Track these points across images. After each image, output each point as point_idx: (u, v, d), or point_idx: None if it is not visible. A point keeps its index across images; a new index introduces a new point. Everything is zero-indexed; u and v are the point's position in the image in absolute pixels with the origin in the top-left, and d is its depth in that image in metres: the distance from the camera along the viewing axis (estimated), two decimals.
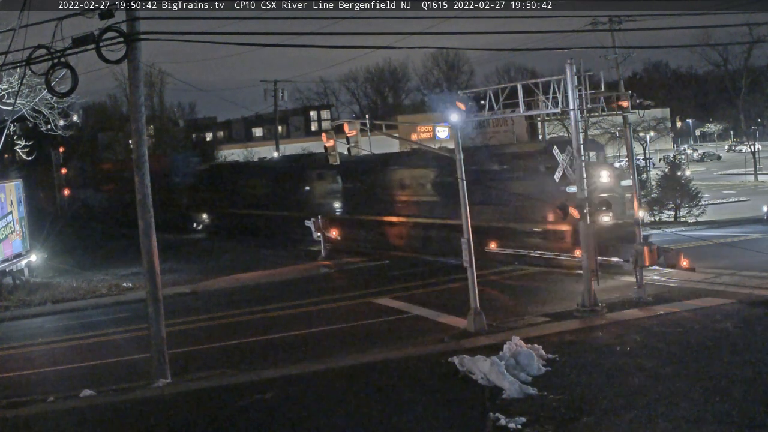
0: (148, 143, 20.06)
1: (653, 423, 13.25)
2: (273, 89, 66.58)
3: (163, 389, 17.58)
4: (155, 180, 18.98)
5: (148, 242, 18.45)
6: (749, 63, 76.95)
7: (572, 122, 22.55)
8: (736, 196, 62.16)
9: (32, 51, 17.03)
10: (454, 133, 21.85)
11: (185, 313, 27.07)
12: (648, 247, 23.13)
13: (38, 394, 17.98)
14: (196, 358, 20.87)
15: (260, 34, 23.66)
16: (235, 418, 15.31)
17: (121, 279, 35.01)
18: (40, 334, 25.95)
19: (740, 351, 17.02)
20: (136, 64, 17.93)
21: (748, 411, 13.41)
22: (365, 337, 21.75)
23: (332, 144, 24.09)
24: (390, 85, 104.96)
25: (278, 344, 22.12)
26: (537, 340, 18.46)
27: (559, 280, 27.46)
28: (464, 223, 21.52)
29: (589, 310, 21.77)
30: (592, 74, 24.16)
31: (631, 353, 17.56)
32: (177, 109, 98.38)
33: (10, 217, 34.50)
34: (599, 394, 14.88)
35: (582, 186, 22.02)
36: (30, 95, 29.37)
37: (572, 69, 21.97)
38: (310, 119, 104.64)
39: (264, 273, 34.91)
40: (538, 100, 24.74)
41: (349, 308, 26.07)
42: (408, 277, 30.87)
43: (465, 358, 17.07)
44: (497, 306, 24.10)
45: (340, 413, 15.09)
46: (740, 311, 20.89)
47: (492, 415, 14.09)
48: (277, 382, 17.47)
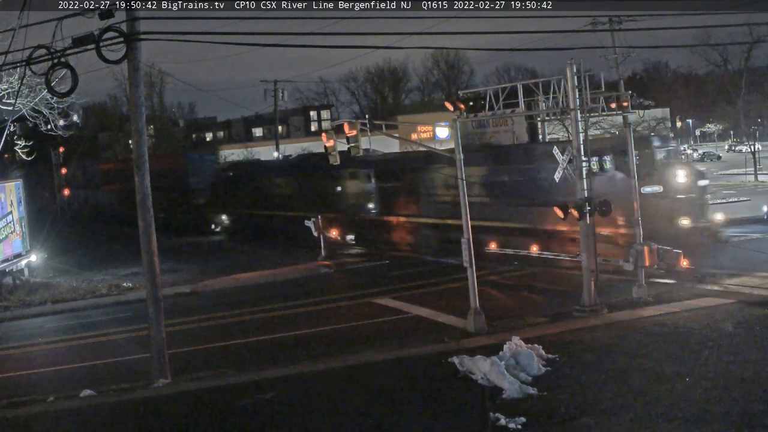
0: (148, 143, 20.06)
1: (653, 423, 13.24)
2: (273, 89, 66.62)
3: (163, 389, 17.57)
4: (168, 179, 18.87)
5: (148, 242, 18.44)
6: (749, 63, 76.92)
7: (572, 122, 22.54)
8: (736, 196, 62.09)
9: (32, 51, 17.05)
10: (455, 132, 21.88)
11: (185, 313, 27.08)
12: (648, 247, 23.12)
13: (38, 394, 17.98)
14: (196, 358, 20.87)
15: (260, 34, 23.65)
16: (235, 418, 15.31)
17: (121, 279, 35.03)
18: (40, 334, 25.96)
19: (740, 351, 17.00)
20: (136, 64, 17.94)
21: (748, 411, 13.40)
22: (365, 337, 21.75)
23: (332, 144, 24.08)
24: (390, 85, 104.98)
25: (278, 344, 22.12)
26: (537, 340, 18.44)
27: (559, 280, 27.45)
28: (464, 223, 21.53)
29: (589, 310, 21.77)
30: (592, 74, 24.17)
31: (631, 353, 17.55)
32: (177, 109, 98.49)
33: (10, 217, 34.51)
34: (599, 394, 14.87)
35: (582, 186, 22.01)
36: (30, 95, 29.38)
37: (572, 69, 21.97)
38: (310, 119, 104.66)
39: (264, 273, 34.92)
40: (538, 100, 24.74)
41: (349, 308, 26.08)
42: (408, 277, 30.87)
43: (465, 358, 17.07)
44: (497, 306, 24.11)
45: (340, 413, 15.08)
46: (740, 311, 20.89)
47: (492, 415, 14.08)
48: (277, 382, 17.46)
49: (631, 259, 23.24)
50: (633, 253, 23.20)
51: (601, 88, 25.18)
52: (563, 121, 41.70)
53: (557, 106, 23.46)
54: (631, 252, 23.42)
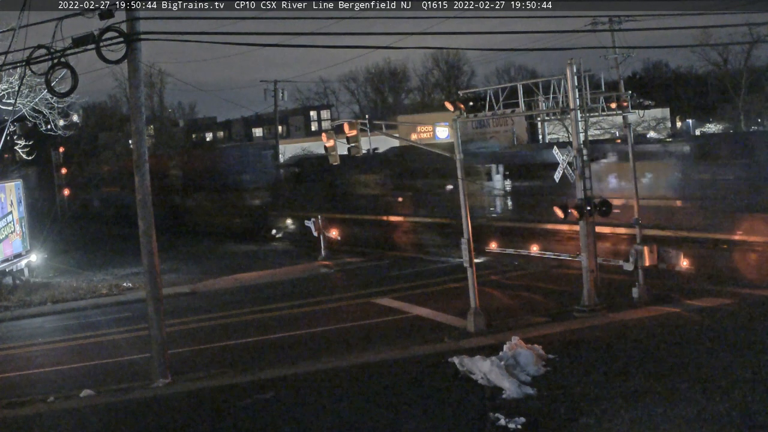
0: (148, 143, 20.06)
1: (653, 423, 13.25)
2: (273, 89, 66.54)
3: (163, 389, 17.58)
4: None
5: (148, 242, 18.44)
6: (749, 63, 76.82)
7: (572, 122, 22.55)
8: None
9: (32, 51, 17.04)
10: (455, 132, 21.89)
11: (185, 313, 27.11)
12: (648, 247, 23.12)
13: (38, 394, 18.00)
14: (196, 358, 20.89)
15: (260, 34, 23.76)
16: (235, 418, 15.31)
17: (121, 279, 35.04)
18: (40, 334, 25.97)
19: (740, 351, 17.00)
20: (136, 64, 17.94)
21: (748, 411, 13.40)
22: (365, 337, 21.76)
23: (332, 144, 24.08)
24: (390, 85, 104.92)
25: (278, 344, 22.13)
26: (537, 340, 18.45)
27: (559, 280, 27.45)
28: (464, 223, 21.55)
29: (589, 310, 21.77)
30: (592, 74, 24.14)
31: (631, 353, 17.54)
32: (177, 109, 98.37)
33: (10, 217, 34.53)
34: (599, 394, 14.87)
35: (582, 186, 22.02)
36: (30, 95, 29.39)
37: (572, 69, 21.98)
38: (310, 119, 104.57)
39: (264, 273, 34.92)
40: (538, 100, 24.74)
41: (349, 308, 26.08)
42: (408, 277, 30.87)
43: (465, 358, 17.07)
44: (497, 306, 24.11)
45: (340, 413, 15.08)
46: (740, 311, 20.89)
47: (492, 415, 14.09)
48: (277, 382, 17.47)
49: (631, 259, 23.23)
50: (633, 253, 23.20)
51: (601, 88, 25.19)
52: (563, 121, 41.75)
53: (557, 106, 23.45)
54: (631, 252, 23.42)
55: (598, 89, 24.87)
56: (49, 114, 31.20)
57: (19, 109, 28.97)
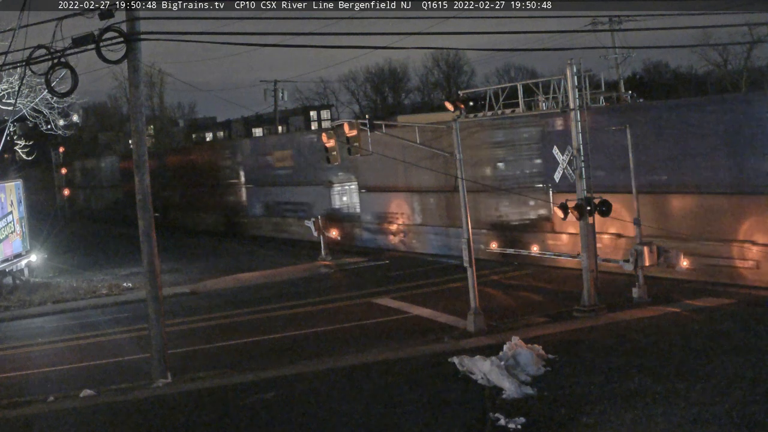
0: (148, 143, 20.07)
1: (653, 423, 13.25)
2: (273, 89, 66.59)
3: (163, 389, 17.58)
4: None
5: (148, 242, 18.45)
6: (749, 63, 76.81)
7: (572, 122, 22.55)
8: None
9: (32, 51, 17.05)
10: (455, 132, 21.88)
11: (185, 313, 27.11)
12: (648, 247, 23.12)
13: (38, 394, 18.01)
14: (196, 358, 20.88)
15: (260, 34, 23.65)
16: (236, 417, 15.32)
17: (121, 279, 35.03)
18: (41, 334, 25.97)
19: (740, 351, 17.00)
20: (136, 64, 17.95)
21: (748, 411, 13.41)
22: (365, 337, 21.75)
23: (332, 144, 24.10)
24: (390, 85, 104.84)
25: (278, 344, 22.13)
26: (537, 340, 18.46)
27: (559, 280, 27.45)
28: (464, 223, 21.54)
29: (589, 310, 21.77)
30: (592, 74, 24.17)
31: (631, 353, 17.55)
32: (177, 109, 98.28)
33: (10, 217, 34.52)
34: (599, 394, 14.88)
35: (582, 186, 22.02)
36: (30, 95, 29.41)
37: (572, 69, 21.99)
38: (310, 119, 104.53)
39: (264, 273, 34.90)
40: (538, 100, 24.73)
41: (349, 308, 26.08)
42: (408, 277, 30.85)
43: (465, 358, 17.09)
44: (497, 306, 24.11)
45: (341, 413, 15.09)
46: (740, 311, 20.89)
47: (492, 415, 14.10)
48: (277, 381, 17.48)
49: (631, 259, 23.23)
50: (633, 253, 23.19)
51: (601, 88, 25.21)
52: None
53: (557, 106, 23.45)
54: (631, 252, 23.42)
55: (598, 89, 24.89)
56: (49, 114, 31.22)
57: (19, 109, 28.99)
